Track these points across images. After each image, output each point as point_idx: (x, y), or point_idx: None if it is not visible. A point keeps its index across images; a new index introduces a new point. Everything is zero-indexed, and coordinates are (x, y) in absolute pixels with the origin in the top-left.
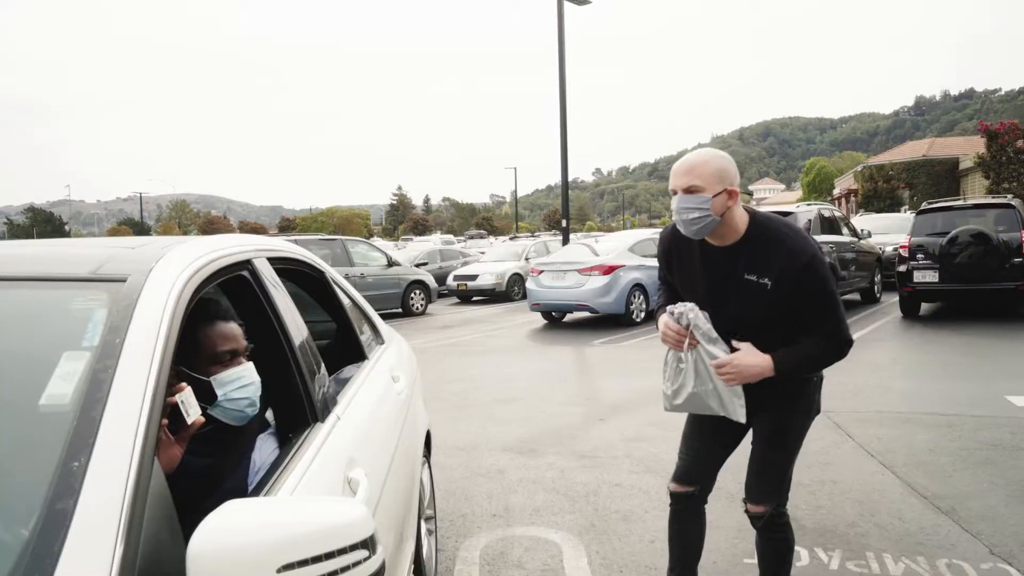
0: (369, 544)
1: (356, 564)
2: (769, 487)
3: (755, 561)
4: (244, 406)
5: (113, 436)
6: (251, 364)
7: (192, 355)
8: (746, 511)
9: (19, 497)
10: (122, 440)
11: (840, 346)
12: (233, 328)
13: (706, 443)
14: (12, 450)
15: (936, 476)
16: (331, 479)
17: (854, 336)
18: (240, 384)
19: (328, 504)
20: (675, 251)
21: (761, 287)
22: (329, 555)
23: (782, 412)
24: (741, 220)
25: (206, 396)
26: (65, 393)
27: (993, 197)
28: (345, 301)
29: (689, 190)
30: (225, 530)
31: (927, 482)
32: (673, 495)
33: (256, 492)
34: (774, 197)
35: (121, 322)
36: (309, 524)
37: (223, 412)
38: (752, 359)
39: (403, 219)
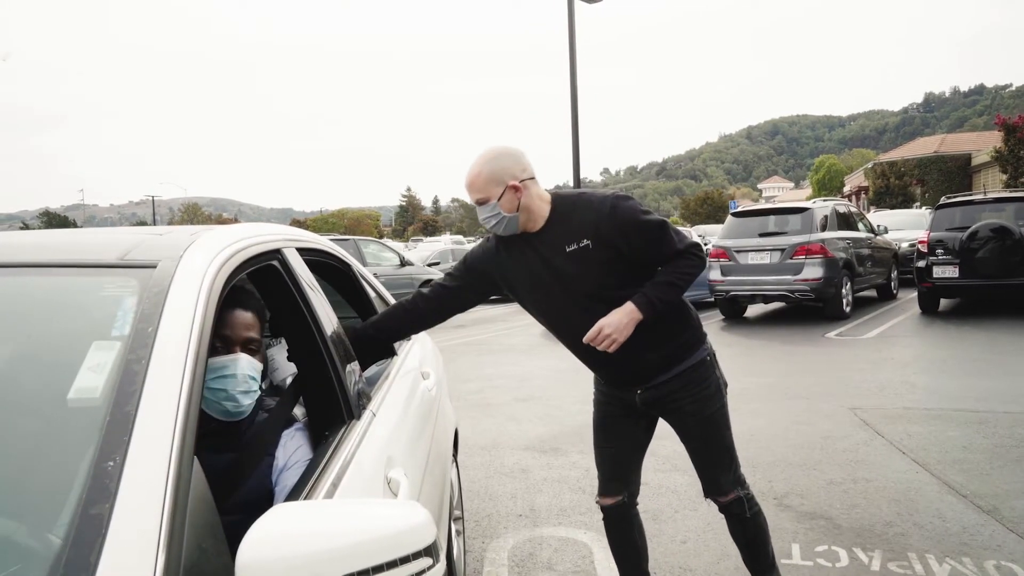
0: (433, 551)
1: (420, 573)
2: (724, 476)
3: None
4: (221, 398)
5: (150, 432)
6: (244, 357)
7: None
8: (716, 502)
9: (49, 501)
10: (160, 437)
11: (688, 253)
12: (237, 316)
13: (621, 447)
14: (39, 448)
15: (973, 474)
16: (371, 479)
17: (873, 333)
18: (221, 374)
19: (388, 508)
20: (504, 252)
21: (582, 250)
22: (392, 564)
23: (692, 405)
24: (543, 203)
25: None
26: (96, 386)
27: (1013, 191)
28: (372, 295)
29: (479, 202)
30: (276, 539)
31: (964, 480)
32: (604, 508)
33: (296, 492)
34: (783, 195)
35: (153, 310)
36: (369, 530)
37: (204, 402)
38: (617, 314)
39: (413, 220)
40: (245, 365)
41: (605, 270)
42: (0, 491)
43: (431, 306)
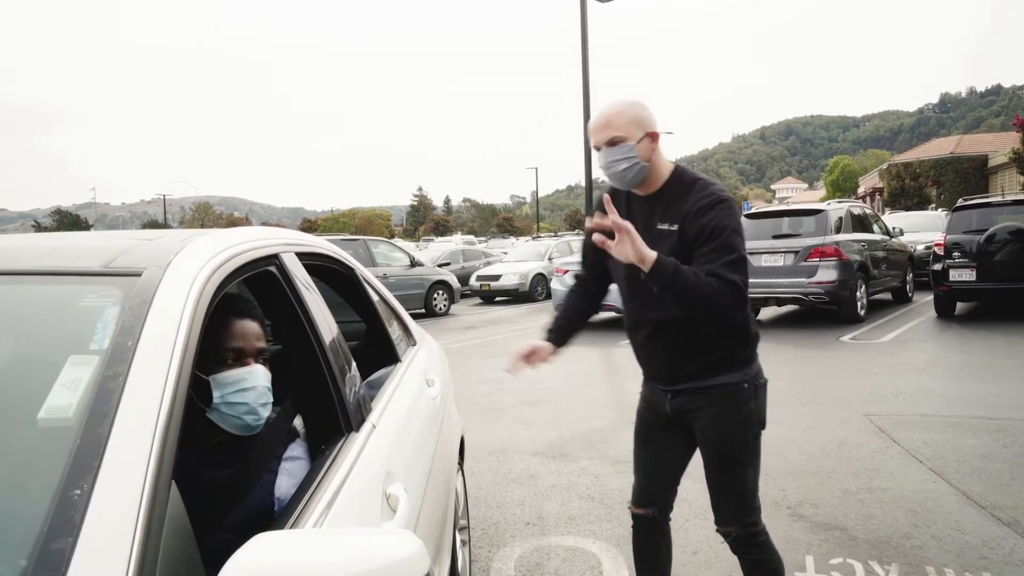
0: None
1: None
2: (730, 508)
3: None
4: (242, 412)
5: (123, 457)
6: (259, 368)
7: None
8: (717, 531)
9: (5, 533)
10: (133, 462)
11: (723, 277)
12: (246, 326)
13: (655, 459)
14: (2, 472)
15: (993, 484)
16: (369, 496)
17: (888, 337)
18: (239, 387)
19: (378, 538)
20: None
21: (669, 234)
22: None
23: (717, 430)
24: (666, 166)
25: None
26: (68, 404)
27: None
28: (375, 299)
29: (612, 142)
30: (255, 571)
31: (984, 491)
32: (634, 516)
33: (288, 512)
34: (797, 196)
35: (134, 322)
36: (357, 563)
37: (220, 417)
38: (642, 246)
39: (424, 220)
40: (262, 376)
41: (676, 257)
42: None
43: (589, 289)
